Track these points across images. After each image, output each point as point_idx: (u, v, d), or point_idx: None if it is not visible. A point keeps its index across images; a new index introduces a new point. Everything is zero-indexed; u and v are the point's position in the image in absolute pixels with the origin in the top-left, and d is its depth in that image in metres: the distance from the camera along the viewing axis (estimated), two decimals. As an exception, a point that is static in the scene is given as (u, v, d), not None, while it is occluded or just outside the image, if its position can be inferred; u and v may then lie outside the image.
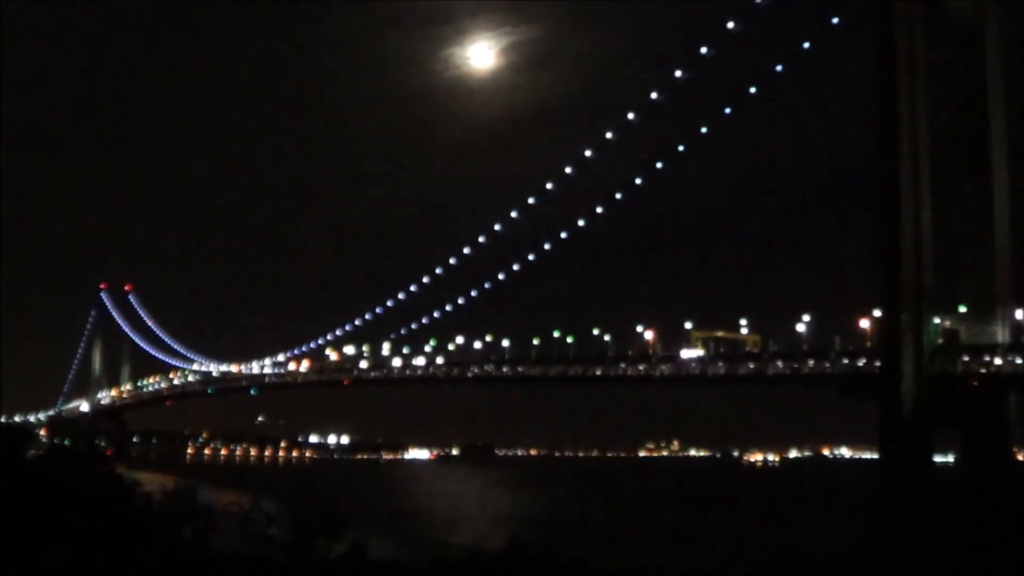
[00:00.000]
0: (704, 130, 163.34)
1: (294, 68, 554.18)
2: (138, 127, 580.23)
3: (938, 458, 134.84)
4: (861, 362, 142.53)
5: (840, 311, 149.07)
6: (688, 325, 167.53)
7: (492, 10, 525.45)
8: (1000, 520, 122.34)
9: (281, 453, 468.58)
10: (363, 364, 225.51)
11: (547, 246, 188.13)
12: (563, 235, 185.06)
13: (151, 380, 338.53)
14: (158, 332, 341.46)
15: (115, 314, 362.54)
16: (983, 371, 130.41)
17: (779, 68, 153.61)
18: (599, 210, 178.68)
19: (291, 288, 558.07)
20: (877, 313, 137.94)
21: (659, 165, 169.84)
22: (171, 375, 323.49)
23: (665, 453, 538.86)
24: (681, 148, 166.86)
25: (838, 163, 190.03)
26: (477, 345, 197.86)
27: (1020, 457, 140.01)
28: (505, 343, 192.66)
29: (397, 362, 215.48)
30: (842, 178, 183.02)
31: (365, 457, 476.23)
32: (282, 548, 63.97)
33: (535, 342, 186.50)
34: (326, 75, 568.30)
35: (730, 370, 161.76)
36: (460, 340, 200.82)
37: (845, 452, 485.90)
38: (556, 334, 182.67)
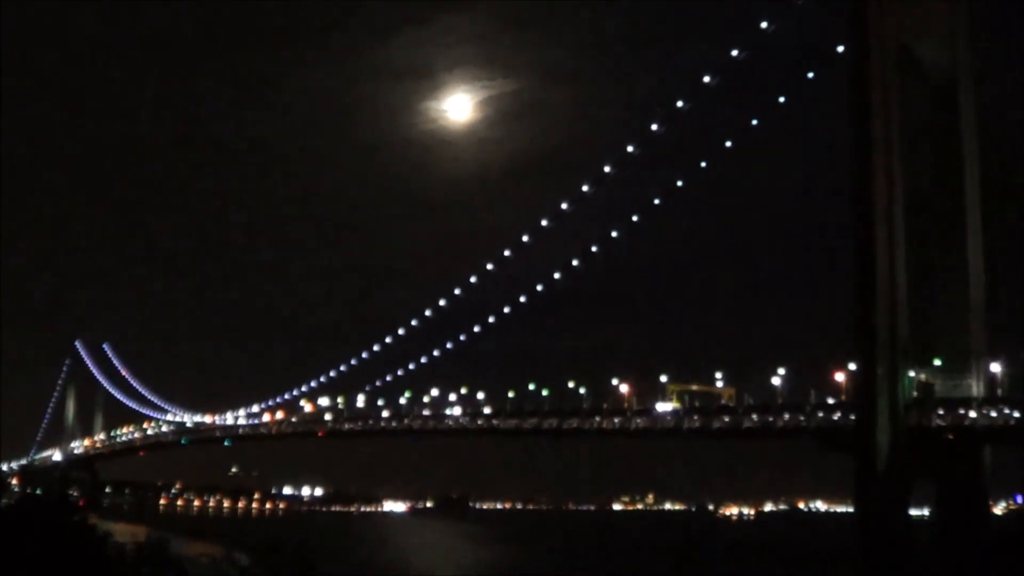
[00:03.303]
0: (680, 183, 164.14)
1: (268, 119, 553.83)
2: (114, 180, 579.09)
3: (914, 511, 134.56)
4: (836, 415, 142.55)
5: (815, 364, 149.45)
6: (663, 378, 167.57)
7: (469, 63, 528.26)
8: (976, 573, 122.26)
9: (254, 504, 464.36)
10: (338, 415, 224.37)
11: (523, 299, 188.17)
12: (539, 288, 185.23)
13: (124, 430, 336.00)
14: (132, 382, 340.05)
15: (89, 363, 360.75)
16: (958, 424, 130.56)
17: (755, 122, 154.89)
18: (575, 263, 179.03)
19: (266, 340, 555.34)
20: (852, 366, 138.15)
21: (635, 218, 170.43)
22: (145, 425, 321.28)
23: (640, 506, 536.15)
24: (657, 201, 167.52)
25: (813, 216, 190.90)
26: (452, 397, 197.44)
27: (995, 510, 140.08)
28: (480, 395, 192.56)
29: (371, 413, 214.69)
30: (817, 232, 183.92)
31: (338, 509, 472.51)
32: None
33: (510, 395, 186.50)
34: (301, 127, 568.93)
35: (705, 423, 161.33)
36: (435, 392, 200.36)
37: (820, 505, 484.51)
38: (531, 387, 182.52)
